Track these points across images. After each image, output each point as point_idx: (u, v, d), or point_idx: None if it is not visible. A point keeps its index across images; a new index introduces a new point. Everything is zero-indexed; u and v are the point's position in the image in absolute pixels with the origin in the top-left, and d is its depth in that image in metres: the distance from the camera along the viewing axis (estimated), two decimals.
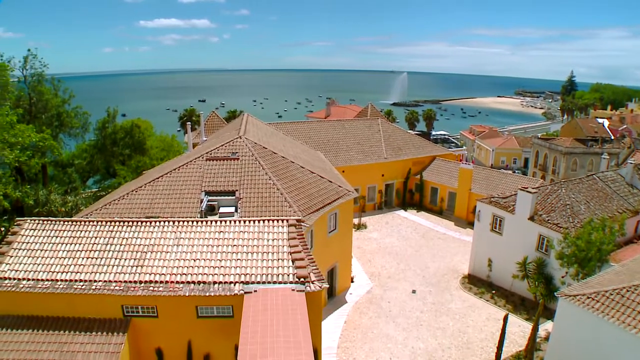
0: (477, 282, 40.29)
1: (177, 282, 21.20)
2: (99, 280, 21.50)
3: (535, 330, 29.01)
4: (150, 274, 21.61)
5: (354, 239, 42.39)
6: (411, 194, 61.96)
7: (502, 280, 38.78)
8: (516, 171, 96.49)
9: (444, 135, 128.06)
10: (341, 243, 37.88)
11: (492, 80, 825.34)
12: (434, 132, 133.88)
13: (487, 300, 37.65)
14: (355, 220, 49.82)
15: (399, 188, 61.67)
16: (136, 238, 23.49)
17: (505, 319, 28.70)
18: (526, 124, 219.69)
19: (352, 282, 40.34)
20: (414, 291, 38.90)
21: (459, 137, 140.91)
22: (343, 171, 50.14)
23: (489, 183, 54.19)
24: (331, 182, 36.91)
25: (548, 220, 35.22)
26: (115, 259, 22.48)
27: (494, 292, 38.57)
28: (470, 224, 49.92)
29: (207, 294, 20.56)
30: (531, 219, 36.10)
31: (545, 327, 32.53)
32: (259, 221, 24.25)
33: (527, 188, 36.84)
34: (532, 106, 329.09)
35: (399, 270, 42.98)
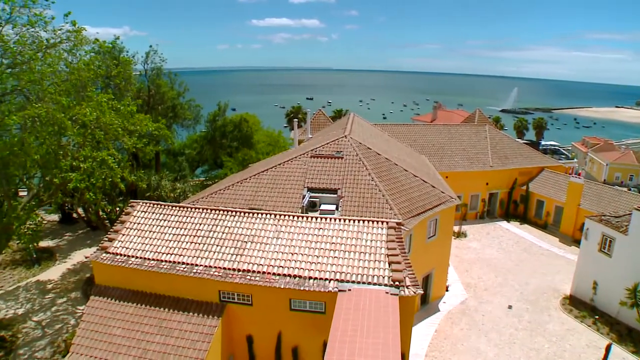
0: (579, 305, 37.62)
1: (274, 274, 21.60)
2: (200, 265, 22.41)
3: None
4: (248, 263, 22.20)
5: (452, 247, 41.19)
6: (515, 205, 59.41)
7: (608, 305, 35.98)
8: (632, 189, 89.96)
9: (554, 145, 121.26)
10: (439, 250, 36.94)
11: (610, 88, 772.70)
12: (543, 142, 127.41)
13: (588, 326, 34.95)
14: (456, 228, 48.55)
15: (503, 198, 59.35)
16: (238, 228, 24.23)
17: (608, 348, 26.75)
18: None
19: (447, 290, 39.26)
20: (510, 307, 37.15)
21: (570, 148, 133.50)
22: (446, 177, 48.94)
23: (600, 200, 50.72)
24: (434, 187, 36.10)
25: None
26: (217, 245, 23.35)
27: (596, 317, 35.76)
28: (576, 242, 47.18)
29: (302, 288, 20.75)
30: None
31: None
32: (358, 221, 24.16)
33: None
34: None
35: (497, 283, 41.25)
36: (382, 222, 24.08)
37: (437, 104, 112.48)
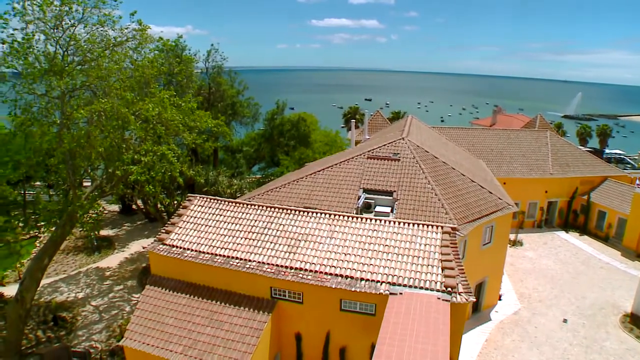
0: None
1: (326, 273, 21.64)
2: (254, 261, 22.70)
3: None
4: (301, 262, 22.33)
5: (507, 255, 40.06)
6: (575, 216, 57.34)
7: None
8: None
9: (620, 154, 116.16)
10: (494, 258, 36.13)
11: None
12: (607, 150, 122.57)
13: None
14: (512, 236, 47.36)
15: (562, 207, 57.43)
16: (292, 226, 24.41)
17: None
18: None
19: (500, 300, 38.34)
20: (565, 320, 35.83)
21: (637, 157, 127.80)
22: (504, 183, 47.80)
23: None
24: (491, 193, 35.34)
25: None
26: (271, 242, 23.60)
27: None
28: None
29: (353, 289, 20.70)
30: None
31: None
32: (413, 224, 23.91)
33: None
34: None
35: (552, 295, 39.87)
36: (437, 226, 23.75)
37: (497, 108, 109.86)
